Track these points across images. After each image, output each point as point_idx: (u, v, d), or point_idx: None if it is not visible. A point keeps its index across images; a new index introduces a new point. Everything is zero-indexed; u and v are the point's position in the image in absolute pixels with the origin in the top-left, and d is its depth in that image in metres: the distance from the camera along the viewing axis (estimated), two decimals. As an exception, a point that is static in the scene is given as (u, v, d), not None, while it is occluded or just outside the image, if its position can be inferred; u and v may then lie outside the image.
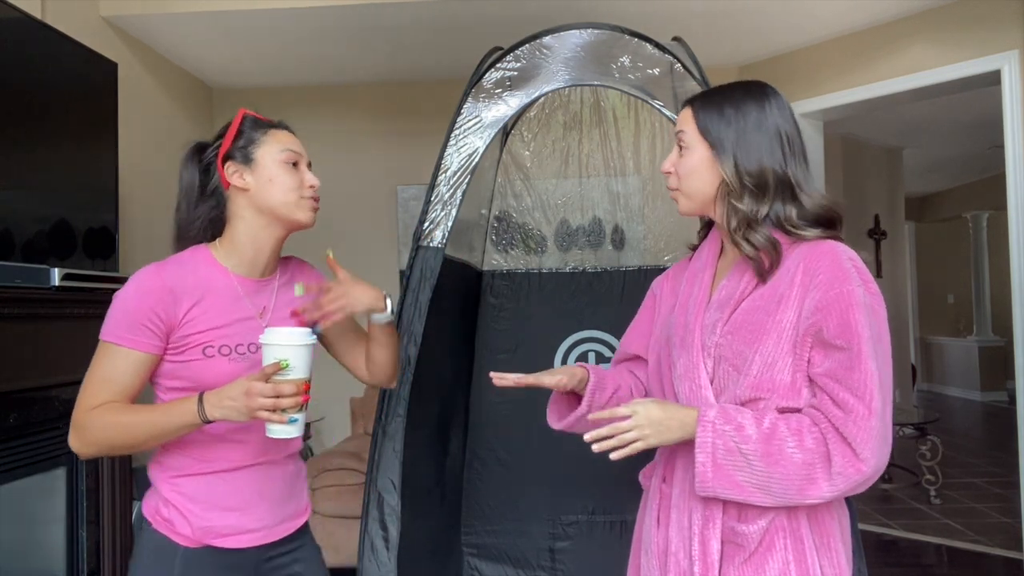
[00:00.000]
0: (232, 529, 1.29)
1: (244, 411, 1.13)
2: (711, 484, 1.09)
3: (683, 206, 1.26)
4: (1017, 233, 3.27)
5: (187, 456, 1.29)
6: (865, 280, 1.09)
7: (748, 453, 1.07)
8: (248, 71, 4.00)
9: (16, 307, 2.14)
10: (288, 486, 1.39)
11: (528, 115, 2.88)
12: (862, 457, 1.03)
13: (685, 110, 1.24)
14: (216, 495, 1.29)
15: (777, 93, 1.22)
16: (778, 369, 1.10)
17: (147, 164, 3.47)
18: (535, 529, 2.73)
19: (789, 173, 1.16)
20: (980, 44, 3.30)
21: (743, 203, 1.16)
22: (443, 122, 2.21)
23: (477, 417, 2.81)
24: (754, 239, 1.15)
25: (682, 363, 1.22)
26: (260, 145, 1.32)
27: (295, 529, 1.40)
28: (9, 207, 2.25)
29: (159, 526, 1.28)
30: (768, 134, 1.17)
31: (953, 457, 5.39)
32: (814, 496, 1.06)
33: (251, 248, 1.33)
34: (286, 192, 1.31)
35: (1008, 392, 7.74)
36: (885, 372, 1.07)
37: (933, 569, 3.43)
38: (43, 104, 2.42)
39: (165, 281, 1.24)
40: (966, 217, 8.51)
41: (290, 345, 1.15)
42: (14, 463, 2.23)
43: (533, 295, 2.86)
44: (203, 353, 1.25)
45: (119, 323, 1.22)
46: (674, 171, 1.24)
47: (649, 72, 2.14)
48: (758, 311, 1.14)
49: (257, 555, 1.33)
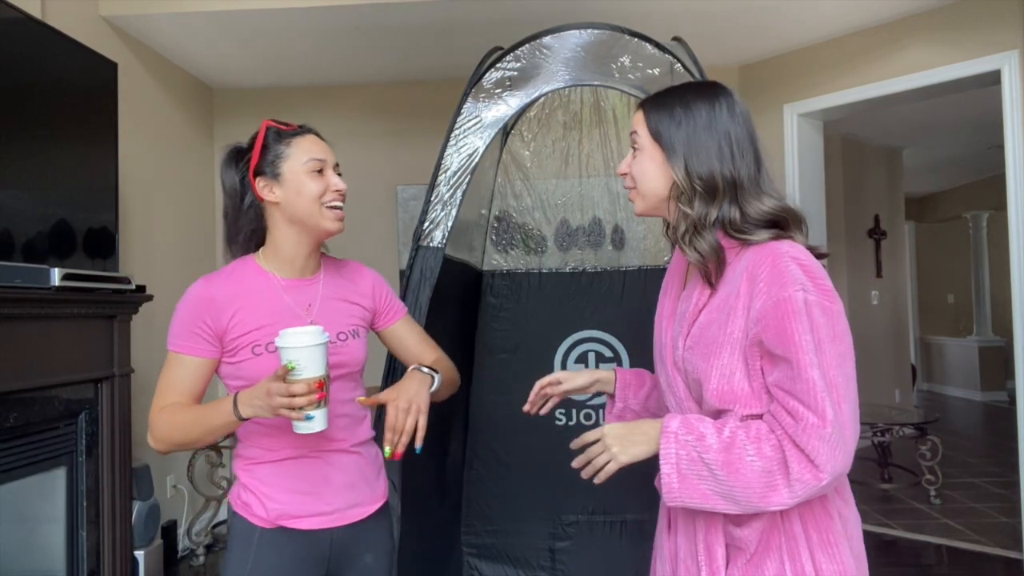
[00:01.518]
0: (303, 511, 1.38)
1: (267, 409, 1.20)
2: (678, 494, 1.10)
3: (638, 207, 1.26)
4: (1017, 233, 3.27)
5: (256, 446, 1.40)
6: (812, 278, 1.06)
7: (710, 463, 1.07)
8: (248, 71, 4.01)
9: (16, 307, 2.14)
10: (358, 472, 1.45)
11: (528, 115, 2.88)
12: (817, 464, 1.02)
13: (638, 112, 1.24)
14: (285, 480, 1.38)
15: (729, 93, 1.21)
16: (737, 380, 1.11)
17: (147, 164, 3.47)
18: (535, 529, 2.73)
19: (738, 176, 1.15)
20: (980, 44, 3.30)
21: (692, 208, 1.16)
22: (443, 122, 2.22)
23: (477, 417, 2.82)
24: (699, 245, 1.15)
25: (663, 377, 1.25)
26: (286, 158, 1.39)
27: (368, 514, 1.46)
28: (9, 207, 2.25)
29: (240, 510, 1.40)
30: (717, 136, 1.16)
31: (953, 457, 5.38)
32: (775, 503, 1.05)
33: (289, 254, 1.42)
34: (311, 202, 1.38)
35: (1008, 392, 7.74)
36: (839, 374, 1.04)
37: (933, 569, 3.43)
38: (43, 104, 2.42)
39: (210, 292, 1.36)
40: (966, 217, 8.51)
41: (296, 347, 1.19)
42: (14, 463, 2.22)
43: (533, 295, 2.86)
44: (252, 352, 1.35)
45: (176, 333, 1.35)
46: (629, 172, 1.25)
47: (649, 72, 2.14)
48: (712, 324, 1.14)
49: (330, 537, 1.40)
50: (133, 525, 2.80)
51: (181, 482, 3.70)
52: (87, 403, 2.50)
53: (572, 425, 2.78)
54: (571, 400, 2.79)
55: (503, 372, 2.80)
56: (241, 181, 1.41)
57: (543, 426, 2.79)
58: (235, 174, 1.42)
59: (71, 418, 2.45)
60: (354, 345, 1.45)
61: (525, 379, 2.74)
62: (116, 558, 2.57)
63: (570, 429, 2.78)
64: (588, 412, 2.77)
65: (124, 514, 2.62)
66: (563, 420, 2.79)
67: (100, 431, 2.53)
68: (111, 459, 2.56)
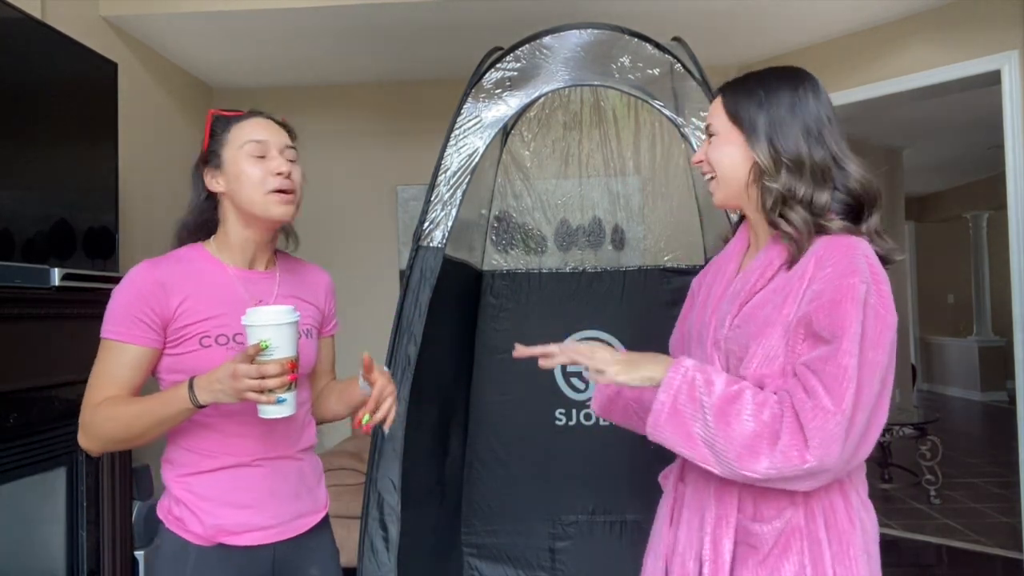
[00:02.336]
0: (243, 527, 1.27)
1: (232, 393, 1.11)
2: (662, 426, 1.07)
3: (717, 197, 1.23)
4: (1017, 233, 3.27)
5: (194, 452, 1.28)
6: (877, 283, 1.04)
7: (707, 406, 1.05)
8: (248, 71, 4.00)
9: (16, 307, 2.14)
10: (302, 482, 1.37)
11: (528, 115, 2.88)
12: (810, 447, 0.99)
13: (715, 100, 1.22)
14: (226, 492, 1.27)
15: (813, 78, 1.19)
16: (778, 364, 1.08)
17: (147, 164, 3.47)
18: (535, 529, 2.73)
19: (826, 156, 1.13)
20: (980, 44, 3.30)
21: (778, 181, 1.12)
22: (443, 122, 2.22)
23: (477, 417, 2.81)
24: (793, 218, 1.11)
25: (697, 357, 1.20)
26: (226, 144, 1.31)
27: (311, 526, 1.38)
28: (9, 207, 2.24)
29: (172, 525, 1.28)
30: (802, 118, 1.14)
31: (953, 457, 5.38)
32: (750, 470, 1.02)
33: (239, 243, 1.34)
34: (253, 188, 1.28)
35: (1008, 392, 7.74)
36: (868, 377, 1.01)
37: (933, 569, 3.43)
38: (43, 104, 2.42)
39: (156, 275, 1.25)
40: (966, 217, 8.50)
41: (270, 325, 1.12)
42: (14, 463, 2.22)
43: (533, 295, 2.86)
44: (200, 344, 1.25)
45: (115, 319, 1.23)
46: (705, 159, 1.23)
47: (649, 72, 2.14)
48: (767, 304, 1.11)
49: (272, 553, 1.31)
50: (133, 525, 2.80)
51: (181, 482, 3.69)
52: (87, 403, 2.50)
53: (572, 425, 2.78)
54: (571, 400, 2.79)
55: (503, 372, 2.80)
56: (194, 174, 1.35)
57: (543, 426, 2.80)
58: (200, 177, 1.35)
59: (71, 418, 2.44)
60: (307, 345, 1.36)
61: (525, 379, 2.77)
62: (116, 558, 2.57)
63: (570, 429, 2.78)
64: (588, 412, 2.77)
65: (124, 514, 2.62)
66: (563, 420, 2.79)
67: (100, 431, 2.53)
68: (111, 459, 2.56)
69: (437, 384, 2.46)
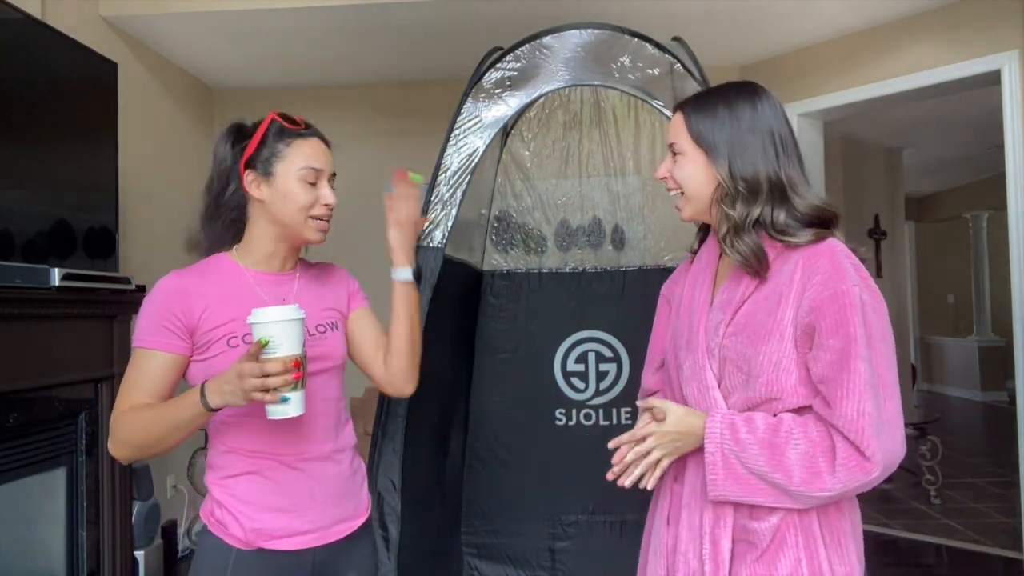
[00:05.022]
0: (283, 531, 1.28)
1: (239, 394, 1.10)
2: (722, 482, 1.10)
3: (685, 212, 1.25)
4: (1017, 233, 3.27)
5: (228, 450, 1.30)
6: (863, 278, 1.09)
7: (753, 444, 1.08)
8: (248, 71, 4.00)
9: (16, 307, 2.14)
10: (343, 485, 1.37)
11: (528, 115, 2.88)
12: (867, 454, 1.03)
13: (676, 116, 1.23)
14: (265, 495, 1.28)
15: (768, 93, 1.21)
16: (783, 368, 1.10)
17: (147, 164, 3.47)
18: (535, 529, 2.73)
19: (783, 175, 1.15)
20: (980, 44, 3.30)
21: (734, 209, 1.15)
22: (443, 122, 2.21)
23: (477, 417, 2.81)
24: (739, 247, 1.15)
25: (688, 364, 1.22)
26: (281, 159, 1.32)
27: (352, 530, 1.38)
28: (9, 207, 2.25)
29: (214, 528, 1.29)
30: (762, 135, 1.16)
31: (953, 457, 5.38)
32: (818, 489, 1.05)
33: (264, 251, 1.36)
34: (298, 211, 1.32)
35: (1008, 392, 7.74)
36: (884, 369, 1.06)
37: (933, 569, 3.43)
38: (43, 104, 2.42)
39: (180, 283, 1.29)
40: (966, 217, 8.50)
41: (272, 322, 1.12)
42: (14, 463, 2.23)
43: (533, 295, 2.85)
44: (228, 344, 1.26)
45: (142, 328, 1.26)
46: (669, 175, 1.24)
47: (649, 72, 2.14)
48: (760, 311, 1.13)
49: (311, 558, 1.31)
50: (133, 525, 2.80)
51: (181, 482, 3.70)
52: (87, 403, 2.50)
53: (572, 425, 2.77)
54: (571, 400, 2.79)
55: (503, 372, 2.80)
56: (232, 165, 1.34)
57: (543, 426, 2.80)
58: (228, 154, 1.35)
59: (71, 418, 2.45)
60: (333, 337, 1.38)
61: (525, 379, 2.77)
62: (116, 558, 2.57)
63: (569, 429, 2.77)
64: (588, 412, 2.77)
65: (124, 514, 2.62)
66: (563, 420, 2.78)
67: (100, 431, 2.53)
68: (111, 459, 2.56)
69: (437, 384, 2.46)
